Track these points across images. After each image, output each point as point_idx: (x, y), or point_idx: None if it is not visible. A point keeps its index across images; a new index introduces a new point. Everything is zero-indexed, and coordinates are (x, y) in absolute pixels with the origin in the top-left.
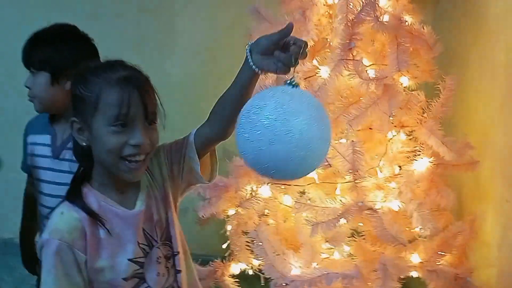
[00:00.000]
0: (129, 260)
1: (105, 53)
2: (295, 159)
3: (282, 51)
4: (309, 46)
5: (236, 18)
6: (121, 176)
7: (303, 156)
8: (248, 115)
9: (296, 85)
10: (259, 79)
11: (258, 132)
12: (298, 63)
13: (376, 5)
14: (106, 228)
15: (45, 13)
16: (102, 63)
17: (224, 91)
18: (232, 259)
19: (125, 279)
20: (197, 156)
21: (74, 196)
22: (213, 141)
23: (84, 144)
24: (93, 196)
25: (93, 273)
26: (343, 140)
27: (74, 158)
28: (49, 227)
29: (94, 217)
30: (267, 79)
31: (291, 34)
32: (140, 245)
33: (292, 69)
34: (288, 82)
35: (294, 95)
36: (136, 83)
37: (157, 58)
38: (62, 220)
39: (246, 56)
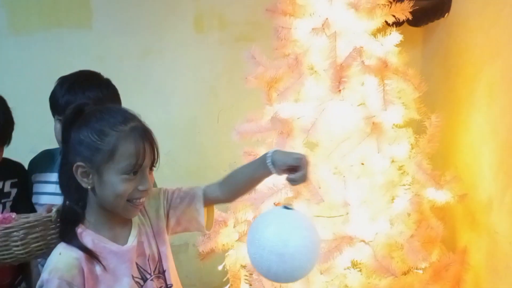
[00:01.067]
0: None
1: None
2: (290, 271)
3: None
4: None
5: (235, 59)
6: (122, 215)
7: (297, 268)
8: (253, 234)
9: (291, 209)
10: None
11: (261, 251)
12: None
13: (362, 50)
14: (102, 264)
15: (53, 56)
16: (108, 112)
17: (241, 166)
18: None
19: None
20: (203, 210)
21: (70, 237)
22: (220, 202)
23: (88, 187)
24: (88, 236)
25: None
26: (336, 176)
27: None
28: (48, 267)
29: (91, 255)
30: None
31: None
32: (135, 278)
33: None
34: (285, 206)
35: (291, 219)
36: (147, 136)
37: (160, 97)
38: (61, 260)
39: (267, 162)
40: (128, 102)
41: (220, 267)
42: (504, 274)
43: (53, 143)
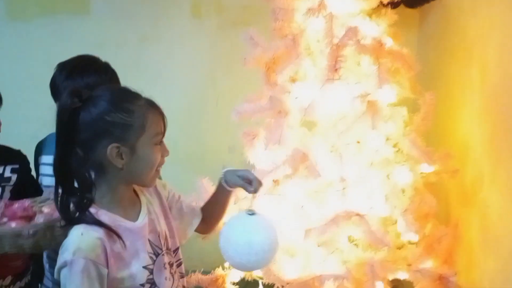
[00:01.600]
0: (143, 267)
1: None
2: (255, 263)
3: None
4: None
5: (233, 43)
6: (148, 184)
7: (261, 260)
8: (224, 237)
9: (254, 213)
10: None
11: (232, 249)
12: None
13: (357, 30)
14: (122, 241)
15: (51, 42)
16: (123, 92)
17: (206, 203)
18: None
19: (142, 285)
20: (196, 225)
21: (89, 218)
22: (200, 232)
23: (120, 166)
24: (103, 215)
25: (114, 283)
26: (333, 153)
27: None
28: (69, 248)
29: (113, 232)
30: None
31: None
32: (149, 254)
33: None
34: (249, 212)
35: (253, 222)
36: (158, 106)
37: (159, 82)
38: (84, 240)
39: (221, 183)
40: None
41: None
42: (494, 247)
43: (54, 129)
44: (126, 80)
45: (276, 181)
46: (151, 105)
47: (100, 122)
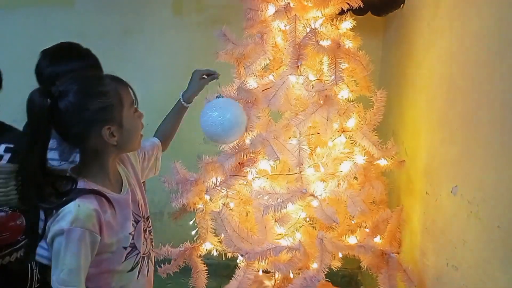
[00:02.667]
0: (129, 233)
1: None
2: (226, 133)
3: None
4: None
5: (211, 37)
6: (135, 149)
7: (231, 132)
8: (204, 115)
9: (222, 97)
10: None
11: (210, 123)
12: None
13: (317, 32)
14: (114, 210)
15: (35, 32)
16: (88, 78)
17: (164, 119)
18: (200, 242)
19: (125, 248)
20: (161, 154)
21: (84, 191)
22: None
23: (115, 144)
24: (95, 187)
25: (104, 248)
26: (293, 141)
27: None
28: (66, 218)
29: (107, 199)
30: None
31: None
32: (131, 221)
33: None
34: (218, 96)
35: (226, 102)
36: (120, 78)
37: (140, 74)
38: (81, 211)
39: (181, 102)
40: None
41: (191, 222)
42: (431, 228)
43: None
44: (109, 70)
45: (241, 163)
46: (116, 80)
47: (85, 113)
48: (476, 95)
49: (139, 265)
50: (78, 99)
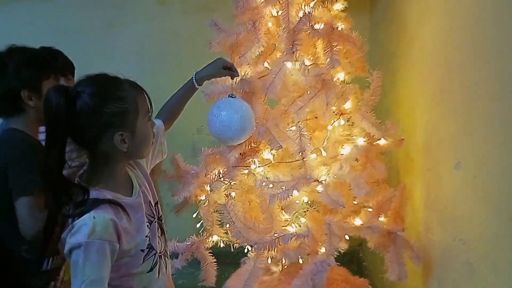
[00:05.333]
0: (146, 236)
1: (76, 65)
2: (235, 134)
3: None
4: (260, 52)
5: (198, 28)
6: (144, 157)
7: (239, 133)
8: (212, 114)
9: (235, 97)
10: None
11: (217, 124)
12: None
13: (311, 16)
14: (129, 216)
15: (17, 28)
16: (107, 81)
17: (172, 96)
18: (206, 235)
19: (142, 250)
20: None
21: (98, 201)
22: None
23: (125, 151)
24: (107, 194)
25: (122, 253)
26: (293, 127)
27: None
28: (82, 230)
29: (121, 207)
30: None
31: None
32: (146, 223)
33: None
34: (231, 95)
35: (235, 103)
36: (139, 85)
37: (126, 67)
38: (97, 222)
39: (193, 82)
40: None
41: (194, 215)
42: (434, 203)
43: None
44: (94, 65)
45: (243, 153)
46: (135, 86)
47: (100, 116)
48: (474, 70)
49: (157, 264)
50: (94, 101)
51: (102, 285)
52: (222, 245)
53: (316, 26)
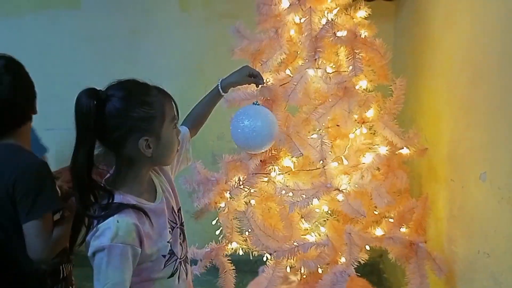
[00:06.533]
0: (168, 242)
1: (101, 72)
2: (258, 142)
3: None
4: (282, 59)
5: (220, 34)
6: (167, 164)
7: (262, 142)
8: (235, 122)
9: (259, 104)
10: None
11: (241, 132)
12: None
13: (334, 23)
14: (151, 221)
15: (44, 37)
16: (136, 86)
17: (197, 104)
18: (225, 241)
19: (164, 256)
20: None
21: (122, 206)
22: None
23: (149, 156)
24: (131, 200)
25: (143, 258)
26: (314, 135)
27: None
28: (106, 234)
29: (144, 213)
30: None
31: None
32: (168, 229)
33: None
34: (255, 103)
35: (258, 111)
36: (167, 92)
37: (149, 74)
38: (121, 226)
39: (218, 90)
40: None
41: (213, 222)
42: (458, 215)
43: None
44: (118, 71)
45: (263, 161)
46: (163, 93)
47: (127, 119)
48: (501, 77)
49: (178, 270)
50: (122, 104)
51: None
52: (241, 252)
53: (339, 34)
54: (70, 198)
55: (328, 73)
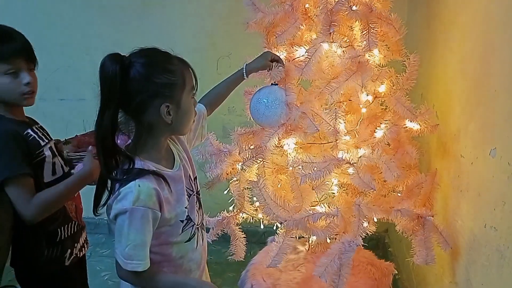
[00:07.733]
0: (185, 207)
1: (113, 42)
2: (274, 118)
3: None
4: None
5: (232, 8)
6: (184, 133)
7: (277, 118)
8: (255, 100)
9: (276, 84)
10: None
11: (259, 107)
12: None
13: None
14: (170, 187)
15: (55, 4)
16: (158, 54)
17: (219, 84)
18: (237, 211)
19: (181, 221)
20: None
21: (143, 171)
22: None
23: (170, 122)
24: (151, 166)
25: (163, 222)
26: (327, 110)
27: None
28: (128, 197)
29: (164, 179)
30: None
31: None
32: (185, 196)
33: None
34: (273, 83)
35: (276, 89)
36: (187, 62)
37: (161, 46)
38: (142, 190)
39: (243, 73)
40: (129, 51)
41: (225, 192)
42: (466, 190)
43: None
44: (129, 42)
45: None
46: (184, 62)
47: (150, 85)
48: None
49: (195, 235)
50: (146, 70)
51: (144, 250)
52: (250, 221)
53: (354, 8)
54: (71, 164)
55: (342, 47)
